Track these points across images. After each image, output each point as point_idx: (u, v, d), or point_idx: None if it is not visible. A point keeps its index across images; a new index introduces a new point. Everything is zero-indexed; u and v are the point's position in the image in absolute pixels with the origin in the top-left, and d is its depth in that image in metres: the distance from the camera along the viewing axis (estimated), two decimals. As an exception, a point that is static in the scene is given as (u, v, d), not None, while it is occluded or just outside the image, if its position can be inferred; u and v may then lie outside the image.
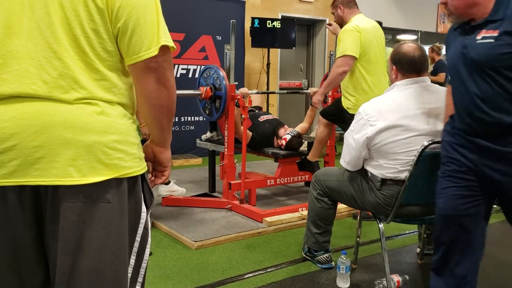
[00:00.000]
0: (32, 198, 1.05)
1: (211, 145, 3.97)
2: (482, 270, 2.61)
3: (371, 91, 3.23)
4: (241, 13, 6.29)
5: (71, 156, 1.02)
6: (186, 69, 5.88)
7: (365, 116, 2.15)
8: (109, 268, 1.08)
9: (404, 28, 9.20)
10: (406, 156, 2.10)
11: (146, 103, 1.14)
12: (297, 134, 3.93)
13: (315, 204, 2.53)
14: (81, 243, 1.05)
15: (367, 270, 2.60)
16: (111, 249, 1.08)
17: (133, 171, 1.10)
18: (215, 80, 3.45)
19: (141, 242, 1.18)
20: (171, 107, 1.17)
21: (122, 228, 1.10)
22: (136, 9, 1.06)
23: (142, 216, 1.17)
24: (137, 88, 1.13)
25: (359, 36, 3.22)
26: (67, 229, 1.04)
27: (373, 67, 3.31)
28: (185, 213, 3.48)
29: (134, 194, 1.13)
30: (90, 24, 1.04)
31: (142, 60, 1.07)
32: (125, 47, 1.07)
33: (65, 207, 1.03)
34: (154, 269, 2.55)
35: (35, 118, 1.01)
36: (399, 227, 3.19)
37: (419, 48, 2.25)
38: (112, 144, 1.06)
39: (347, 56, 3.22)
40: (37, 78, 1.02)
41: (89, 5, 1.03)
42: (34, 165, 1.01)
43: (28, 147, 1.01)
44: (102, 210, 1.06)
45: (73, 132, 1.02)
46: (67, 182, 1.02)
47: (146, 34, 1.06)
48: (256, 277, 2.49)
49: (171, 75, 1.13)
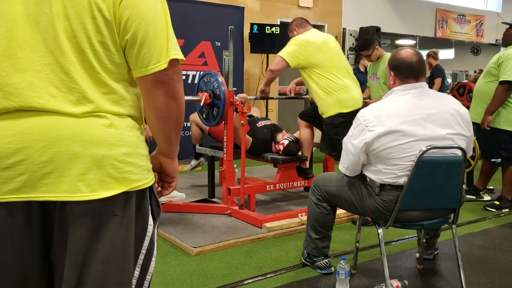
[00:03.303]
0: (39, 214, 1.03)
1: (210, 150, 3.97)
2: (482, 274, 2.62)
3: (332, 94, 3.51)
4: (240, 19, 6.32)
5: (80, 171, 1.00)
6: (185, 75, 5.89)
7: (363, 122, 2.15)
8: (113, 281, 1.07)
9: (403, 33, 9.24)
10: (404, 161, 2.10)
11: (155, 116, 1.12)
12: (294, 139, 3.94)
13: (314, 210, 2.53)
14: (88, 257, 1.04)
15: (366, 275, 2.60)
16: (115, 262, 1.07)
17: (143, 184, 1.09)
18: (215, 88, 3.46)
19: (147, 255, 1.16)
20: (180, 120, 1.15)
21: (128, 241, 1.08)
22: (145, 21, 1.03)
23: (149, 229, 1.15)
24: (145, 100, 1.11)
25: (299, 47, 3.51)
26: (75, 243, 1.03)
27: (327, 72, 3.52)
28: (184, 219, 3.48)
29: (141, 207, 1.11)
30: (97, 36, 1.01)
31: (151, 73, 1.04)
32: (134, 59, 1.05)
33: (74, 222, 1.02)
34: (153, 276, 2.54)
35: (42, 133, 0.99)
36: (398, 232, 3.19)
37: (417, 53, 2.26)
38: (122, 157, 1.04)
39: (280, 57, 3.54)
40: (43, 91, 0.99)
41: (97, 17, 1.00)
42: (42, 180, 0.99)
43: (36, 162, 0.98)
44: (109, 223, 1.04)
45: (82, 146, 1.00)
46: (76, 198, 1.00)
47: (155, 47, 1.04)
48: (256, 283, 2.49)
49: (180, 87, 1.11)
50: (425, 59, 7.73)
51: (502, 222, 3.67)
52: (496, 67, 3.87)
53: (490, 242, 3.20)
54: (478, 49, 13.50)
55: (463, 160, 2.16)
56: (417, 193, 2.13)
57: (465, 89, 4.64)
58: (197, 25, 5.88)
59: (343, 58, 3.73)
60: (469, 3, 10.14)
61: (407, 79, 2.21)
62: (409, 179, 2.09)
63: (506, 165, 3.98)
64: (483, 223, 3.64)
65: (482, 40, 10.80)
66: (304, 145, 3.91)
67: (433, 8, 9.62)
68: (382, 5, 8.55)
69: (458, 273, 2.30)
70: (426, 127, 2.11)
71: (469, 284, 2.41)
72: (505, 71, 3.77)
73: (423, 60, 2.26)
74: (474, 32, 10.56)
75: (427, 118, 2.12)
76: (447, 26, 9.94)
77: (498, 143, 3.94)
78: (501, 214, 3.89)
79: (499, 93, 3.81)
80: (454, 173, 2.16)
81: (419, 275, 2.63)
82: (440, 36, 9.83)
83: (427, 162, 2.08)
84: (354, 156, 2.20)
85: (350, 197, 2.33)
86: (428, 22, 9.58)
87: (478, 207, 4.06)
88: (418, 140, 2.09)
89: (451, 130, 2.14)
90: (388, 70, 2.30)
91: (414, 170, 2.07)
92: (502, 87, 3.79)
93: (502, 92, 3.80)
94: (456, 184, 2.18)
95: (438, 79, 7.20)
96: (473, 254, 2.95)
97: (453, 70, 15.00)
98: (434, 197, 2.18)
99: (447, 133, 2.13)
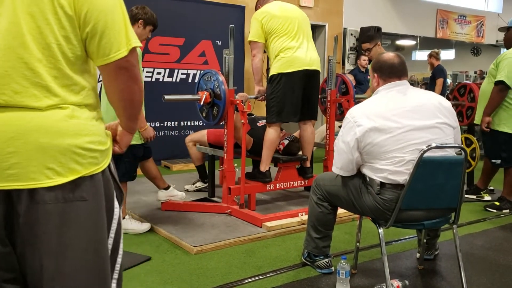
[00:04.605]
0: (4, 205, 1.06)
1: (210, 149, 3.96)
2: (483, 275, 2.61)
3: (280, 56, 3.57)
4: (241, 18, 6.31)
5: (47, 160, 1.05)
6: (186, 73, 5.88)
7: (351, 119, 2.21)
8: (92, 266, 1.12)
9: (403, 34, 9.23)
10: (399, 153, 2.12)
11: (119, 99, 1.22)
12: (294, 139, 3.93)
13: (315, 209, 2.53)
14: (63, 245, 1.08)
15: (367, 275, 2.59)
16: (93, 247, 1.12)
17: (104, 163, 1.16)
18: (215, 87, 3.45)
19: (116, 237, 1.22)
20: (141, 101, 1.27)
21: (101, 224, 1.15)
22: (103, 13, 1.10)
23: (115, 212, 1.22)
24: (109, 86, 1.19)
25: (259, 21, 3.61)
26: (48, 232, 1.06)
27: (280, 37, 3.57)
28: (184, 218, 3.47)
29: (107, 191, 1.18)
30: (61, 31, 1.07)
31: (113, 61, 1.12)
32: (95, 49, 1.12)
33: (44, 210, 1.05)
34: (153, 274, 2.54)
35: (9, 125, 1.04)
36: (399, 232, 3.19)
37: (398, 56, 2.38)
38: (86, 145, 1.11)
39: (251, 42, 3.68)
40: (6, 88, 1.03)
41: (59, 13, 1.06)
42: (9, 170, 1.03)
43: (2, 153, 1.03)
44: (80, 209, 1.09)
45: (48, 137, 1.06)
46: (44, 184, 1.05)
47: (115, 36, 1.11)
48: (256, 282, 2.48)
49: (138, 72, 1.21)
50: (427, 59, 7.74)
51: (503, 223, 3.67)
52: (495, 68, 3.89)
53: (491, 242, 3.19)
54: (478, 50, 13.51)
55: (464, 159, 2.16)
56: (418, 192, 2.13)
57: (466, 90, 4.63)
58: (198, 24, 5.87)
59: (300, 23, 3.69)
60: (469, 3, 10.13)
61: (390, 79, 2.30)
62: (410, 178, 2.08)
63: (506, 166, 3.98)
64: (483, 223, 3.64)
65: (482, 40, 10.80)
66: (304, 145, 3.90)
67: (434, 9, 9.61)
68: (383, 5, 8.54)
69: (459, 273, 2.29)
70: (414, 117, 2.16)
71: (469, 284, 2.41)
72: (500, 72, 3.79)
73: (404, 62, 2.36)
74: (475, 33, 10.55)
75: (414, 110, 2.18)
76: (448, 26, 9.94)
77: (498, 144, 3.94)
78: (501, 215, 3.88)
79: (493, 93, 3.84)
80: (455, 173, 2.17)
81: (419, 275, 2.63)
82: (440, 36, 9.83)
83: (428, 162, 2.08)
84: (347, 154, 2.21)
85: (350, 196, 2.33)
86: (428, 23, 9.57)
87: (478, 207, 4.06)
88: (409, 131, 2.13)
89: (438, 120, 2.19)
90: (371, 73, 2.39)
91: (415, 169, 2.07)
92: (496, 87, 3.82)
93: (496, 92, 3.82)
94: (457, 184, 2.18)
95: (439, 79, 7.18)
96: (473, 255, 2.94)
97: (454, 70, 15.01)
98: (435, 196, 2.18)
99: (435, 122, 2.18)
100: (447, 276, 2.62)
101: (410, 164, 2.09)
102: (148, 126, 3.04)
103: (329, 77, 4.18)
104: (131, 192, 3.94)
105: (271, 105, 3.62)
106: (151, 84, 5.47)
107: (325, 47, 7.61)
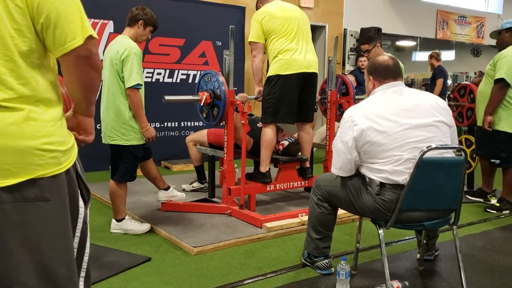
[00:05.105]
0: None
1: (210, 150, 3.96)
2: (483, 276, 2.61)
3: (278, 58, 3.57)
4: (241, 19, 6.31)
5: (4, 161, 1.05)
6: (186, 74, 5.89)
7: (349, 119, 2.23)
8: (62, 264, 1.13)
9: (403, 34, 9.23)
10: (397, 151, 2.13)
11: (80, 87, 1.23)
12: (294, 140, 3.93)
13: (315, 210, 2.53)
14: (26, 244, 1.08)
15: (367, 276, 2.59)
16: (60, 245, 1.13)
17: (67, 164, 1.16)
18: (215, 87, 3.45)
19: (82, 236, 1.23)
20: (99, 86, 1.28)
21: (65, 223, 1.15)
22: (55, 4, 1.09)
23: (81, 211, 1.22)
24: (69, 76, 1.19)
25: (257, 22, 3.61)
26: (8, 231, 1.06)
27: (278, 37, 3.57)
28: (184, 218, 3.47)
29: (71, 190, 1.18)
30: (12, 24, 1.07)
31: (69, 50, 1.12)
32: (51, 41, 1.11)
33: (2, 210, 1.05)
34: (152, 275, 2.54)
35: None
36: (399, 233, 3.18)
37: (393, 58, 2.43)
38: (43, 146, 1.11)
39: (251, 43, 3.68)
40: None
41: (9, 6, 1.06)
42: None
43: None
44: (42, 208, 1.09)
45: (4, 139, 1.06)
46: (2, 184, 1.05)
47: (69, 26, 1.11)
48: (256, 283, 2.48)
49: (99, 60, 1.22)
50: (427, 60, 7.74)
51: (503, 224, 3.67)
52: (493, 68, 3.90)
53: (491, 243, 3.19)
54: (478, 51, 13.53)
55: (464, 160, 2.16)
56: (418, 193, 2.13)
57: (466, 90, 4.63)
58: (198, 25, 5.88)
59: (299, 24, 3.68)
60: (470, 4, 10.13)
61: (386, 80, 2.33)
62: (410, 178, 2.09)
63: (504, 167, 3.98)
64: (483, 224, 3.63)
65: (482, 41, 10.80)
66: (302, 145, 3.91)
67: (434, 10, 9.61)
68: (383, 6, 8.55)
69: (459, 274, 2.29)
70: (411, 116, 2.19)
71: (469, 285, 2.41)
72: (498, 70, 3.80)
73: (399, 64, 2.40)
74: (475, 34, 10.56)
75: (410, 109, 2.21)
76: (448, 27, 9.94)
77: (497, 144, 3.94)
78: (501, 216, 3.88)
79: (494, 92, 3.85)
80: (455, 174, 2.17)
81: (419, 276, 2.63)
82: (440, 37, 9.83)
83: (428, 162, 2.08)
84: (345, 153, 2.22)
85: (350, 197, 2.33)
86: (429, 24, 9.57)
87: (478, 209, 4.06)
88: (406, 129, 2.15)
89: (435, 118, 2.21)
90: (367, 76, 2.42)
91: (415, 170, 2.07)
92: (496, 85, 3.82)
93: (496, 90, 3.83)
94: (457, 184, 2.18)
95: (440, 79, 7.18)
96: (473, 256, 2.94)
97: (454, 71, 15.02)
98: (435, 197, 2.18)
99: (432, 121, 2.20)
100: (447, 277, 2.61)
101: (409, 163, 2.10)
102: (149, 127, 3.04)
103: (329, 78, 4.18)
104: (131, 193, 3.94)
105: (267, 106, 3.63)
106: (151, 85, 5.47)
107: (325, 47, 7.62)
